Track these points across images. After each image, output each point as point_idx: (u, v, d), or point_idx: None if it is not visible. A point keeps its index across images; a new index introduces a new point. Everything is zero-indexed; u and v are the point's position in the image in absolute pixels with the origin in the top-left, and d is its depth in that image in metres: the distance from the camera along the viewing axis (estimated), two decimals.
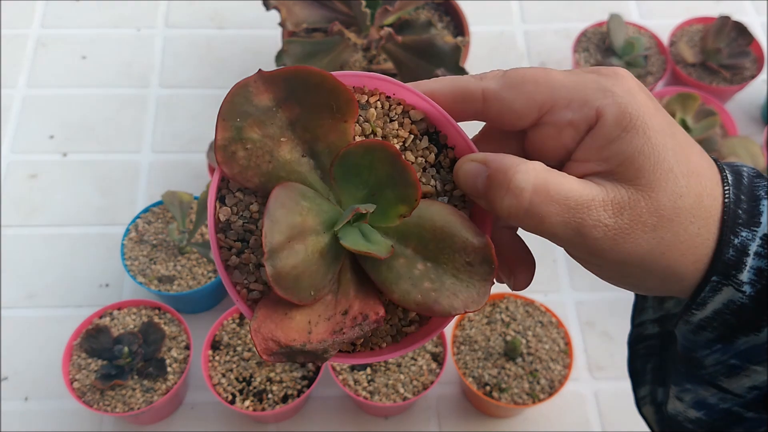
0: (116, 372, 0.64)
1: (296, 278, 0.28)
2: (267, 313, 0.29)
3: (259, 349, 0.28)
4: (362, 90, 0.33)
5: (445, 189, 0.33)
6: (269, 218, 0.28)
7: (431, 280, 0.30)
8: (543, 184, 0.29)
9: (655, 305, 0.39)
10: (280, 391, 0.65)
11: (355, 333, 0.29)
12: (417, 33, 0.78)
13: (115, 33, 0.96)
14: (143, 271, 0.70)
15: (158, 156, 0.85)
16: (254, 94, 0.30)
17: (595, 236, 0.29)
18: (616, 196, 0.29)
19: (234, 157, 0.30)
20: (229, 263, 0.31)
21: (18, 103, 0.89)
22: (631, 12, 1.00)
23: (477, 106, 0.32)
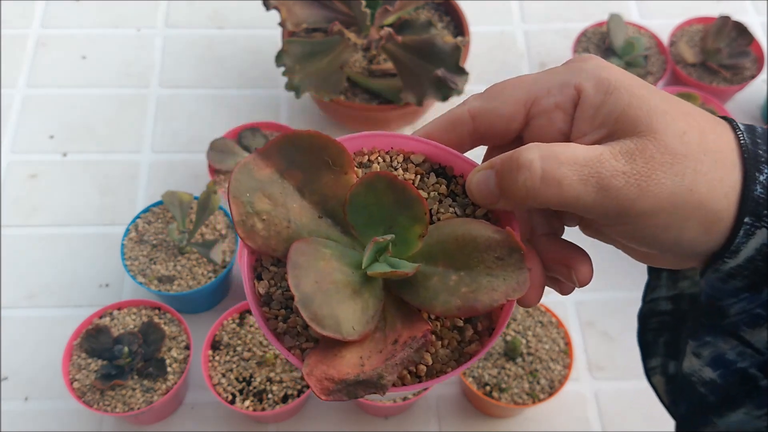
0: (116, 372, 0.64)
1: (332, 316, 0.29)
2: (318, 357, 0.30)
3: (315, 391, 0.29)
4: (361, 152, 0.35)
5: (465, 213, 0.34)
6: (292, 266, 0.29)
7: (467, 284, 0.31)
8: (549, 151, 0.29)
9: (669, 284, 0.39)
10: (280, 391, 0.65)
11: (406, 353, 0.30)
12: (417, 33, 0.78)
13: (115, 33, 0.96)
14: (143, 271, 0.70)
15: (158, 156, 0.85)
16: (255, 170, 0.31)
17: (617, 186, 0.29)
18: (622, 146, 0.29)
19: (254, 229, 0.31)
20: (278, 331, 0.32)
21: (18, 103, 0.89)
22: (631, 12, 1.00)
23: (468, 126, 0.33)
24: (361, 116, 0.82)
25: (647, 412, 0.72)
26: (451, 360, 0.33)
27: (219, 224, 0.73)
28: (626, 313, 0.77)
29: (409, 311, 0.32)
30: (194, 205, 0.74)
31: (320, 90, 0.76)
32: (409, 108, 0.79)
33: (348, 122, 0.85)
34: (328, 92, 0.77)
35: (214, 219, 0.74)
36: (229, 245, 0.72)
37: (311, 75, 0.77)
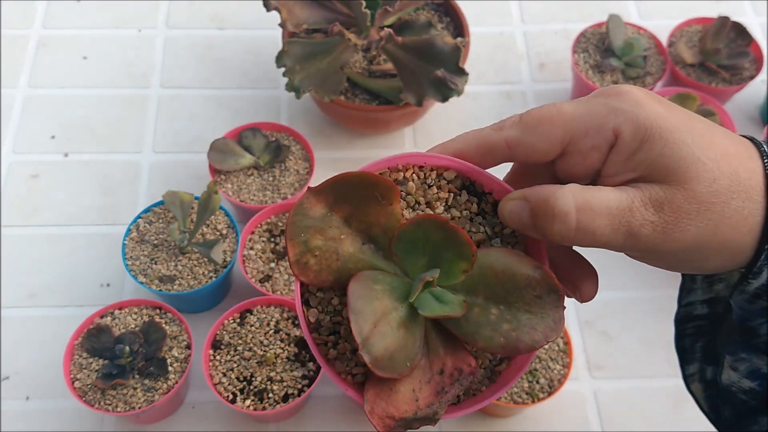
0: (117, 371, 0.64)
1: (391, 357, 0.31)
2: (375, 392, 0.32)
3: (378, 428, 0.31)
4: (396, 169, 0.36)
5: (494, 231, 0.36)
6: (353, 312, 0.31)
7: (508, 321, 0.32)
8: (584, 202, 0.31)
9: (704, 287, 0.40)
10: (281, 390, 0.65)
11: (455, 390, 0.32)
12: (417, 34, 0.78)
13: (116, 33, 0.96)
14: (144, 271, 0.71)
15: (159, 156, 0.86)
16: (308, 208, 0.33)
17: (645, 234, 0.30)
18: (652, 193, 0.31)
19: (307, 266, 0.33)
20: (329, 357, 0.34)
21: (19, 103, 0.89)
22: (630, 12, 1.01)
23: (504, 153, 0.35)
24: (361, 116, 0.82)
25: (646, 412, 0.72)
26: (485, 378, 0.35)
27: (220, 224, 0.74)
28: (625, 312, 0.77)
29: (449, 336, 0.33)
30: (195, 205, 0.74)
31: (320, 90, 0.77)
32: (409, 108, 0.79)
33: (348, 122, 0.85)
34: (328, 93, 0.77)
35: (214, 219, 0.74)
36: (230, 245, 0.73)
37: (311, 75, 0.77)
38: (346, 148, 0.87)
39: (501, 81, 0.94)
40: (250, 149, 0.79)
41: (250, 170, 0.79)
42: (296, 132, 0.81)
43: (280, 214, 0.76)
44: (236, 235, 0.73)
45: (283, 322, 0.68)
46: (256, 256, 0.73)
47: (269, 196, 0.77)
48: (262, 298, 0.69)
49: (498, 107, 0.91)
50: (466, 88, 0.75)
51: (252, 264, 0.73)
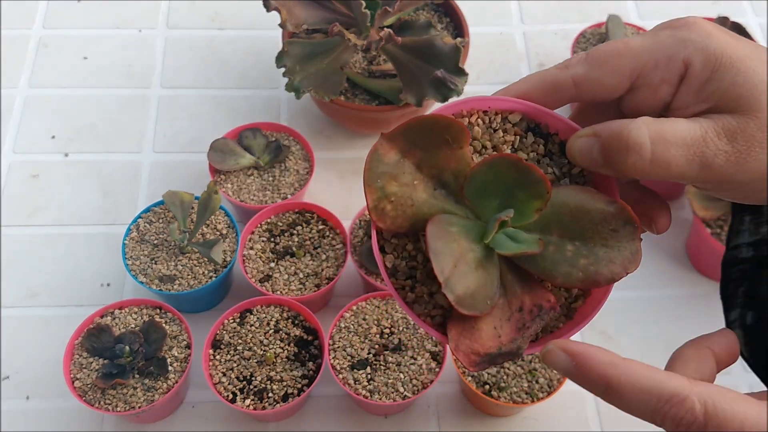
0: (117, 371, 0.64)
1: (472, 295, 0.31)
2: (458, 331, 0.32)
3: (465, 363, 0.32)
4: (461, 114, 0.36)
5: (563, 172, 0.36)
6: (433, 252, 0.31)
7: (584, 256, 0.32)
8: (659, 133, 0.30)
9: (752, 229, 0.40)
10: (281, 390, 0.65)
11: (537, 325, 0.33)
12: (417, 34, 0.78)
13: (117, 34, 0.96)
14: (144, 271, 0.71)
15: (159, 156, 0.86)
16: (383, 154, 0.33)
17: (719, 164, 0.30)
18: (725, 123, 0.31)
19: (384, 212, 0.33)
20: (407, 300, 0.34)
21: (19, 103, 0.89)
22: (629, 13, 1.01)
23: (570, 93, 0.34)
24: (360, 117, 0.82)
25: None
26: (561, 316, 0.35)
27: (220, 224, 0.74)
28: (625, 312, 0.77)
29: (524, 275, 0.34)
30: (195, 205, 0.74)
31: (320, 91, 0.77)
32: (409, 108, 0.79)
33: (348, 123, 0.85)
34: (328, 93, 0.77)
35: (214, 219, 0.74)
36: (230, 245, 0.73)
37: (311, 76, 0.77)
38: (346, 148, 0.87)
39: (501, 81, 0.94)
40: (250, 149, 0.79)
41: (250, 170, 0.79)
42: (296, 132, 0.81)
43: (280, 214, 0.76)
44: (236, 235, 0.73)
45: (282, 322, 0.69)
46: (256, 255, 0.73)
47: (269, 196, 0.77)
48: (262, 297, 0.69)
49: None
50: (465, 88, 0.75)
51: (252, 264, 0.73)
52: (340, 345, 0.67)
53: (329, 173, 0.85)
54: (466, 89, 0.77)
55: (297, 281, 0.72)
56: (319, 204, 0.76)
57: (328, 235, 0.75)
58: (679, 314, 0.77)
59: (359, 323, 0.68)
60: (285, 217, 0.76)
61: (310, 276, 0.72)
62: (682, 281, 0.78)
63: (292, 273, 0.72)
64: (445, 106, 0.36)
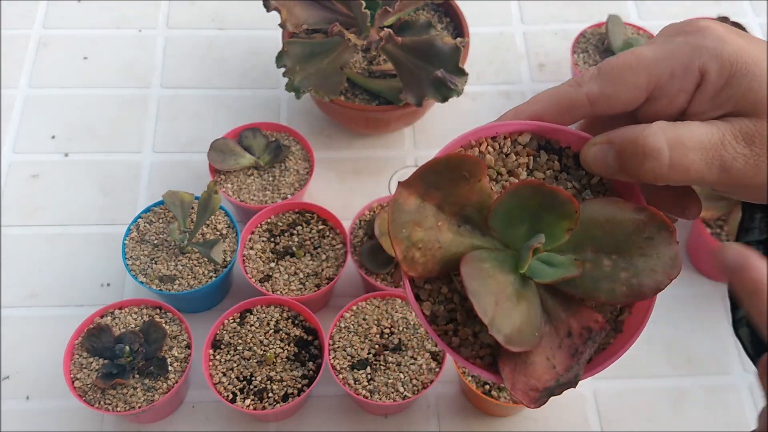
0: (117, 371, 0.64)
1: (519, 331, 0.31)
2: (511, 368, 0.32)
3: (524, 401, 0.31)
4: (470, 145, 0.36)
5: (582, 184, 0.35)
6: (473, 294, 0.30)
7: (624, 269, 0.32)
8: (676, 137, 0.30)
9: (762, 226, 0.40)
10: (281, 390, 0.65)
11: (589, 348, 0.32)
12: (417, 34, 0.78)
13: (117, 34, 0.96)
14: (144, 271, 0.71)
15: (159, 156, 0.86)
16: (403, 203, 0.33)
17: (737, 168, 0.30)
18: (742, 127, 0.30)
19: (414, 260, 0.33)
20: (452, 345, 0.34)
21: (19, 103, 0.89)
22: (629, 13, 1.01)
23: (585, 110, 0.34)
24: (360, 117, 0.82)
25: (646, 412, 0.72)
26: (610, 331, 0.34)
27: (220, 224, 0.74)
28: None
29: (565, 298, 0.33)
30: (195, 205, 0.74)
31: (320, 91, 0.77)
32: (409, 108, 0.79)
33: (348, 123, 0.85)
34: (328, 93, 0.77)
35: (215, 219, 0.74)
36: (230, 245, 0.73)
37: (311, 76, 0.77)
38: (346, 148, 0.87)
39: (500, 81, 0.94)
40: (250, 149, 0.79)
41: (250, 170, 0.79)
42: (296, 132, 0.81)
43: (280, 214, 0.76)
44: (236, 235, 0.73)
45: (282, 322, 0.69)
46: (256, 255, 0.73)
47: (269, 196, 0.77)
48: (262, 297, 0.69)
49: (497, 107, 0.91)
50: (465, 88, 0.75)
51: (252, 264, 0.73)
52: (340, 345, 0.67)
53: (329, 173, 0.85)
54: (466, 89, 0.77)
55: (297, 281, 0.72)
56: (319, 204, 0.76)
57: (328, 235, 0.75)
58: (679, 314, 0.77)
59: (359, 323, 0.68)
60: (285, 217, 0.76)
61: (310, 276, 0.72)
62: (682, 281, 0.78)
63: (292, 273, 0.72)
64: (453, 142, 0.35)
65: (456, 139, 0.36)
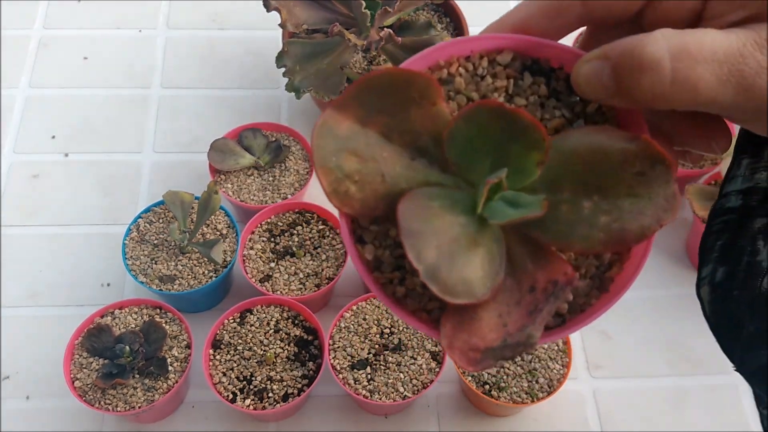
0: (117, 371, 0.64)
1: (464, 281, 0.26)
2: (453, 324, 0.27)
3: (462, 363, 0.26)
4: (438, 66, 0.30)
5: (575, 112, 0.30)
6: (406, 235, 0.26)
7: (606, 211, 0.26)
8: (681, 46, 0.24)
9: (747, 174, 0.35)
10: (281, 390, 0.65)
11: (551, 306, 0.26)
12: (417, 34, 0.79)
13: (117, 34, 0.96)
14: (144, 271, 0.71)
15: (160, 156, 0.86)
16: (334, 127, 0.28)
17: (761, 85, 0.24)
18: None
19: (348, 194, 0.28)
20: (397, 296, 0.29)
21: (20, 103, 0.89)
22: None
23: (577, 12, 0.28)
24: None
25: (646, 412, 0.72)
26: (593, 289, 0.29)
27: (220, 224, 0.74)
28: (625, 312, 0.77)
29: (536, 246, 0.28)
30: (195, 205, 0.74)
31: (320, 91, 0.77)
32: None
33: None
34: (328, 93, 0.77)
35: (215, 219, 0.74)
36: (230, 245, 0.73)
37: (311, 76, 0.77)
38: None
39: None
40: (250, 149, 0.79)
41: (250, 170, 0.79)
42: (296, 132, 0.81)
43: (280, 214, 0.76)
44: (236, 234, 0.73)
45: (283, 322, 0.69)
46: (256, 255, 0.73)
47: (269, 196, 0.77)
48: (262, 297, 0.69)
49: None
50: None
51: (252, 264, 0.73)
52: (340, 345, 0.67)
53: None
54: None
55: (297, 281, 0.72)
56: (319, 204, 0.76)
57: (328, 235, 0.75)
58: (679, 314, 0.77)
59: (359, 323, 0.68)
60: (285, 217, 0.76)
61: (310, 276, 0.72)
62: (682, 281, 0.78)
63: (292, 273, 0.72)
64: (417, 58, 0.30)
65: (419, 56, 0.30)
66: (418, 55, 0.30)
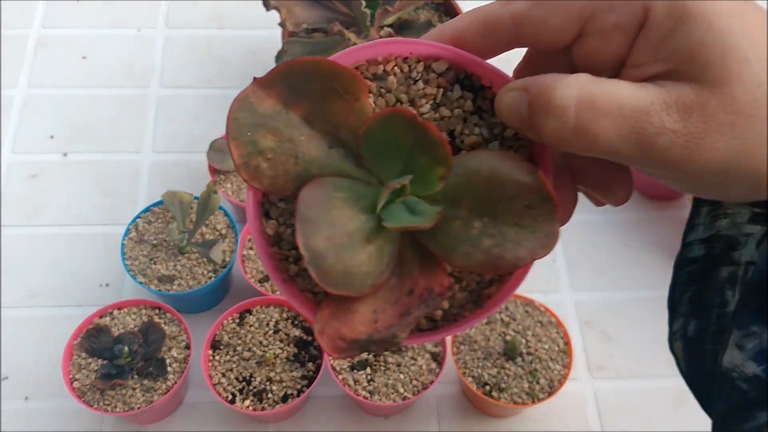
0: (116, 371, 0.64)
1: (346, 273, 0.27)
2: (331, 312, 0.28)
3: (327, 349, 0.27)
4: (376, 61, 0.31)
5: (493, 133, 0.30)
6: (301, 221, 0.26)
7: (491, 235, 0.27)
8: (588, 95, 0.25)
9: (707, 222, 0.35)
10: (280, 390, 0.65)
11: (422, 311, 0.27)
12: (417, 33, 0.78)
13: (116, 33, 0.96)
14: (143, 271, 0.70)
15: (159, 156, 0.85)
16: (256, 103, 0.28)
17: (662, 146, 0.24)
18: (680, 95, 0.24)
19: (258, 170, 0.28)
20: (289, 273, 0.30)
21: (19, 103, 0.89)
22: None
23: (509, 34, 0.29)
24: None
25: (647, 412, 0.72)
26: (469, 302, 0.30)
27: (219, 224, 0.74)
28: (626, 312, 0.77)
29: (428, 254, 0.29)
30: (194, 205, 0.74)
31: None
32: None
33: None
34: None
35: (214, 219, 0.74)
36: (230, 245, 0.72)
37: None
38: None
39: None
40: None
41: None
42: None
43: None
44: (236, 235, 0.73)
45: (282, 323, 0.68)
46: (255, 256, 0.73)
47: None
48: (262, 298, 0.69)
49: None
50: None
51: (251, 264, 0.73)
52: None
53: None
54: None
55: None
56: None
57: None
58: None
59: None
60: None
61: None
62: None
63: None
64: (357, 48, 0.30)
65: (359, 47, 0.30)
66: (357, 47, 0.30)
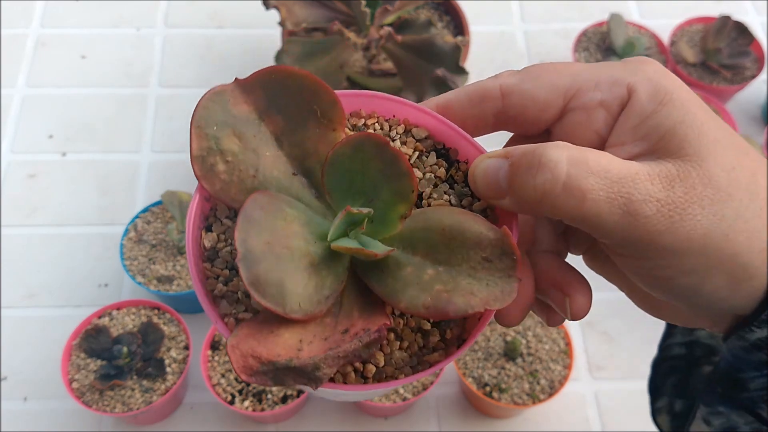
0: (115, 372, 0.64)
1: (279, 284, 0.25)
2: (250, 331, 0.25)
3: (236, 367, 0.24)
4: (358, 113, 0.31)
5: (461, 204, 0.30)
6: (244, 219, 0.25)
7: (443, 282, 0.26)
8: (580, 156, 0.25)
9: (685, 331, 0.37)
10: (280, 391, 0.65)
11: (353, 347, 0.25)
12: (417, 32, 0.78)
13: (115, 33, 0.96)
14: (142, 271, 0.70)
15: (158, 156, 0.85)
16: (232, 103, 0.27)
17: (646, 214, 0.25)
18: (662, 169, 0.25)
19: (214, 170, 0.27)
20: (215, 293, 0.27)
21: (17, 102, 0.89)
22: (631, 12, 1.00)
23: (496, 104, 0.29)
24: None
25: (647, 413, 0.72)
26: (407, 366, 0.28)
27: None
28: (626, 313, 0.77)
29: (373, 301, 0.27)
30: None
31: None
32: None
33: None
34: None
35: None
36: None
37: None
38: None
39: None
40: None
41: None
42: None
43: None
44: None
45: None
46: None
47: None
48: None
49: None
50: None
51: None
52: None
53: None
54: None
55: None
56: None
57: None
58: None
59: None
60: None
61: None
62: None
63: None
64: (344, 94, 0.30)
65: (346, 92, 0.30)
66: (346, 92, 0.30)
